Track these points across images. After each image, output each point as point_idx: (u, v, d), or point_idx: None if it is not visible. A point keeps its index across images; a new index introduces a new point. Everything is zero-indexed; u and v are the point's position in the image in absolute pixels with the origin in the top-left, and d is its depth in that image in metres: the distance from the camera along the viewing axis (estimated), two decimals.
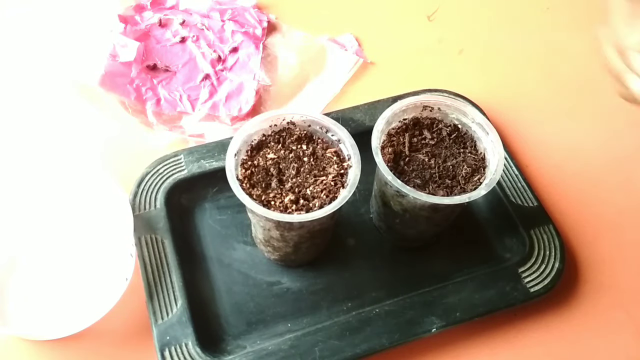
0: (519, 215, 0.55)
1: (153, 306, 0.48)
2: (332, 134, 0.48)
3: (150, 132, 0.61)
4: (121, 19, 0.66)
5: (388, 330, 0.48)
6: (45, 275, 0.51)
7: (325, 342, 0.47)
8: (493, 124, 0.50)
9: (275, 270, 0.53)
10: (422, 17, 0.75)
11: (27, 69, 0.65)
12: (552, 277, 0.52)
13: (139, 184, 0.54)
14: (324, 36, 0.70)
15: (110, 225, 0.53)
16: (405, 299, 0.51)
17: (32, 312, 0.49)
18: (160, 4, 0.70)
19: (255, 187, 0.46)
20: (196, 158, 0.56)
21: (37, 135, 0.61)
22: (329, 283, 0.53)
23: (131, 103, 0.62)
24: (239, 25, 0.68)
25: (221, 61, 0.66)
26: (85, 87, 0.62)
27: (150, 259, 0.50)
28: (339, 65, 0.68)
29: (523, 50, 0.73)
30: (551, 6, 0.77)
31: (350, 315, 0.50)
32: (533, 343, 0.52)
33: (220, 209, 0.56)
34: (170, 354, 0.46)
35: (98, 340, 0.49)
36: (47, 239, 0.53)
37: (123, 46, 0.64)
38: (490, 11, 0.77)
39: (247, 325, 0.50)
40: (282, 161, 0.47)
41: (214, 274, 0.52)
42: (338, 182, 0.46)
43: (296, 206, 0.45)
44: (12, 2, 0.70)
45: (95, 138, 0.61)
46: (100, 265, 0.51)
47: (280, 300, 0.52)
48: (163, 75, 0.64)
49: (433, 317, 0.49)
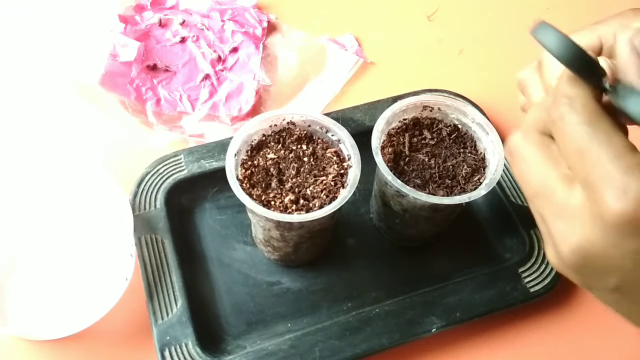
0: (519, 215, 0.55)
1: (153, 306, 0.48)
2: (332, 134, 0.48)
3: (150, 132, 0.61)
4: (121, 19, 0.66)
5: (388, 330, 0.48)
6: (45, 275, 0.51)
7: (325, 342, 0.47)
8: (493, 124, 0.50)
9: (275, 270, 0.53)
10: (422, 17, 0.75)
11: (27, 69, 0.65)
12: (552, 277, 0.52)
13: (139, 184, 0.54)
14: (324, 36, 0.70)
15: (110, 225, 0.53)
16: (405, 299, 0.51)
17: (32, 312, 0.49)
18: (160, 4, 0.70)
19: (255, 187, 0.46)
20: (196, 158, 0.56)
21: (37, 135, 0.61)
22: (329, 283, 0.53)
23: (131, 103, 0.62)
24: (239, 25, 0.68)
25: (221, 61, 0.66)
26: (85, 87, 0.62)
27: (150, 259, 0.50)
28: (339, 65, 0.68)
29: (523, 50, 0.73)
30: (551, 6, 0.77)
31: (350, 315, 0.50)
32: (533, 343, 0.52)
33: (220, 209, 0.56)
34: (170, 354, 0.46)
35: (98, 340, 0.49)
36: (47, 239, 0.53)
37: (123, 46, 0.64)
38: (490, 11, 0.77)
39: (247, 325, 0.50)
40: (282, 161, 0.47)
41: (214, 274, 0.52)
42: (338, 182, 0.46)
43: (296, 206, 0.45)
44: (12, 2, 0.70)
45: (95, 138, 0.61)
46: (100, 265, 0.51)
47: (280, 300, 0.52)
48: (163, 75, 0.64)
49: (433, 317, 0.49)
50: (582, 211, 0.27)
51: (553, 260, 0.30)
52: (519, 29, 0.75)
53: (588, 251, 0.27)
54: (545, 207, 0.29)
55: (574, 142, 0.27)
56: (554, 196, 0.28)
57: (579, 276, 0.29)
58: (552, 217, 0.29)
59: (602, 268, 0.28)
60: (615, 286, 0.28)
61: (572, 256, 0.28)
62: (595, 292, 0.30)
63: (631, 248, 0.26)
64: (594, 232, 0.27)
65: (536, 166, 0.29)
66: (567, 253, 0.28)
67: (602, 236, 0.27)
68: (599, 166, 0.26)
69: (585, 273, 0.29)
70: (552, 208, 0.29)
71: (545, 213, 0.29)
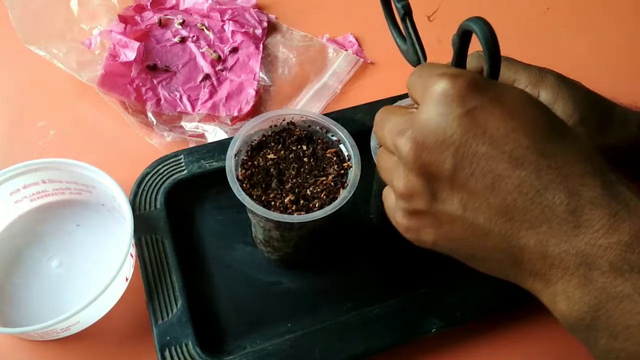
0: None
1: (153, 306, 0.48)
2: (332, 134, 0.48)
3: (150, 132, 0.61)
4: (121, 19, 0.66)
5: (388, 330, 0.48)
6: (45, 275, 0.51)
7: (325, 342, 0.47)
8: None
9: (275, 270, 0.53)
10: (422, 17, 0.75)
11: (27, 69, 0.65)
12: None
13: (139, 184, 0.54)
14: (324, 36, 0.70)
15: (110, 225, 0.54)
16: (406, 298, 0.51)
17: (32, 312, 0.49)
18: (160, 4, 0.70)
19: (256, 187, 0.46)
20: (196, 158, 0.56)
21: (37, 135, 0.61)
22: (329, 283, 0.53)
23: (131, 103, 0.62)
24: (239, 25, 0.68)
25: (221, 61, 0.66)
26: (85, 87, 0.62)
27: (150, 259, 0.50)
28: (339, 65, 0.68)
29: (523, 50, 0.73)
30: (551, 6, 0.77)
31: (350, 315, 0.50)
32: (533, 343, 0.52)
33: (220, 209, 0.56)
34: (170, 354, 0.46)
35: (98, 340, 0.49)
36: (47, 239, 0.53)
37: (123, 46, 0.64)
38: (490, 11, 0.76)
39: (247, 325, 0.50)
40: (282, 161, 0.47)
41: (214, 274, 0.52)
42: (338, 182, 0.46)
43: (296, 206, 0.45)
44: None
45: (96, 138, 0.61)
46: (100, 265, 0.51)
47: (280, 300, 0.52)
48: (163, 75, 0.64)
49: (433, 317, 0.49)
50: (419, 110, 0.33)
51: (400, 184, 0.34)
52: (519, 29, 0.75)
53: (424, 131, 0.32)
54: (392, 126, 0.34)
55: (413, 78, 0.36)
56: (400, 118, 0.34)
57: (424, 181, 0.33)
58: (397, 129, 0.33)
59: (438, 147, 0.31)
60: (454, 164, 0.31)
61: (412, 144, 0.32)
62: (440, 203, 0.33)
63: (456, 113, 0.31)
64: (426, 113, 0.32)
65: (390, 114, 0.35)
66: (407, 144, 0.32)
67: (433, 111, 0.32)
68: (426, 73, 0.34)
69: (426, 165, 0.32)
70: (398, 124, 0.34)
71: (392, 133, 0.34)
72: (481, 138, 0.31)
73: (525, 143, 0.30)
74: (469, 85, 0.31)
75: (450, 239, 0.34)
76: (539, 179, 0.30)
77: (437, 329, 0.49)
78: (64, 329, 0.47)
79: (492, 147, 0.31)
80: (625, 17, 0.76)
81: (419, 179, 0.33)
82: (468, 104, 0.31)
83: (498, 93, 0.32)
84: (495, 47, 0.32)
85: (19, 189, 0.52)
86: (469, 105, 0.31)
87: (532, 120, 0.31)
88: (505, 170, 0.31)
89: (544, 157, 0.30)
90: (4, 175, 0.50)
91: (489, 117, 0.31)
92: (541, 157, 0.30)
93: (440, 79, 0.32)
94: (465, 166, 0.31)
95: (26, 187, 0.52)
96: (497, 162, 0.31)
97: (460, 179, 0.32)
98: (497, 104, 0.31)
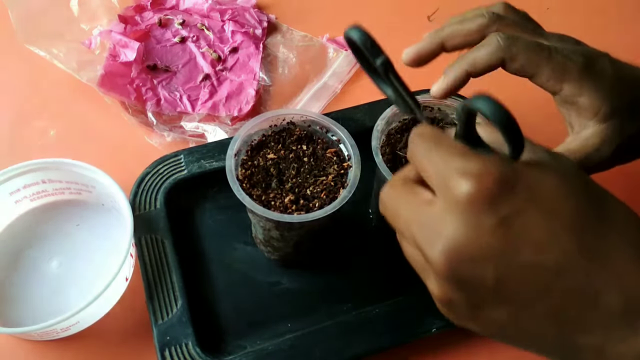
0: None
1: (153, 306, 0.48)
2: (332, 134, 0.48)
3: (150, 132, 0.61)
4: (121, 19, 0.66)
5: (388, 330, 0.48)
6: (45, 275, 0.51)
7: (325, 342, 0.47)
8: None
9: (275, 270, 0.53)
10: (422, 17, 0.75)
11: (27, 69, 0.65)
12: None
13: (139, 184, 0.54)
14: (324, 36, 0.70)
15: (110, 225, 0.53)
16: (405, 299, 0.51)
17: (32, 312, 0.49)
18: (160, 4, 0.70)
19: (256, 187, 0.46)
20: (196, 158, 0.56)
21: (37, 134, 0.61)
22: (329, 283, 0.53)
23: (131, 103, 0.62)
24: (239, 25, 0.68)
25: (221, 61, 0.66)
26: (85, 87, 0.62)
27: (150, 259, 0.50)
28: (339, 65, 0.68)
29: None
30: (551, 6, 0.77)
31: (350, 315, 0.50)
32: None
33: (220, 209, 0.56)
34: (170, 354, 0.46)
35: (98, 340, 0.49)
36: (47, 239, 0.53)
37: (123, 46, 0.64)
38: None
39: (247, 325, 0.50)
40: (282, 161, 0.47)
41: (214, 274, 0.52)
42: (338, 182, 0.46)
43: (296, 206, 0.45)
44: None
45: (95, 138, 0.61)
46: (100, 265, 0.51)
47: (280, 300, 0.52)
48: (163, 75, 0.64)
49: (433, 317, 0.49)
50: (442, 213, 0.28)
51: (434, 290, 0.30)
52: None
53: (457, 246, 0.28)
54: (415, 229, 0.30)
55: (421, 156, 0.30)
56: (420, 215, 0.30)
57: (463, 294, 0.29)
58: (422, 235, 0.29)
59: (475, 261, 0.28)
60: (495, 278, 0.28)
61: (445, 259, 0.28)
62: (485, 311, 0.30)
63: (489, 223, 0.27)
64: (455, 224, 0.28)
65: (402, 200, 0.31)
66: (439, 258, 0.28)
67: (463, 223, 0.27)
68: (442, 163, 0.29)
69: (464, 280, 0.28)
70: (421, 227, 0.29)
71: (417, 236, 0.30)
72: (522, 248, 0.28)
73: (571, 247, 0.28)
74: (497, 185, 0.27)
75: (497, 336, 0.32)
76: (589, 285, 0.28)
77: (437, 329, 0.49)
78: (63, 329, 0.47)
79: (536, 255, 0.28)
80: (625, 17, 0.76)
81: (456, 292, 0.29)
82: (501, 211, 0.27)
83: (531, 190, 0.28)
84: (512, 126, 0.28)
85: (19, 189, 0.52)
86: (502, 212, 0.27)
87: (574, 215, 0.28)
88: (554, 278, 0.28)
89: (593, 260, 0.28)
90: (4, 175, 0.50)
91: (527, 223, 0.28)
92: (590, 261, 0.28)
93: (462, 180, 0.27)
94: (510, 279, 0.28)
95: (26, 187, 0.52)
96: (544, 271, 0.28)
97: (505, 292, 0.28)
98: (533, 206, 0.28)
